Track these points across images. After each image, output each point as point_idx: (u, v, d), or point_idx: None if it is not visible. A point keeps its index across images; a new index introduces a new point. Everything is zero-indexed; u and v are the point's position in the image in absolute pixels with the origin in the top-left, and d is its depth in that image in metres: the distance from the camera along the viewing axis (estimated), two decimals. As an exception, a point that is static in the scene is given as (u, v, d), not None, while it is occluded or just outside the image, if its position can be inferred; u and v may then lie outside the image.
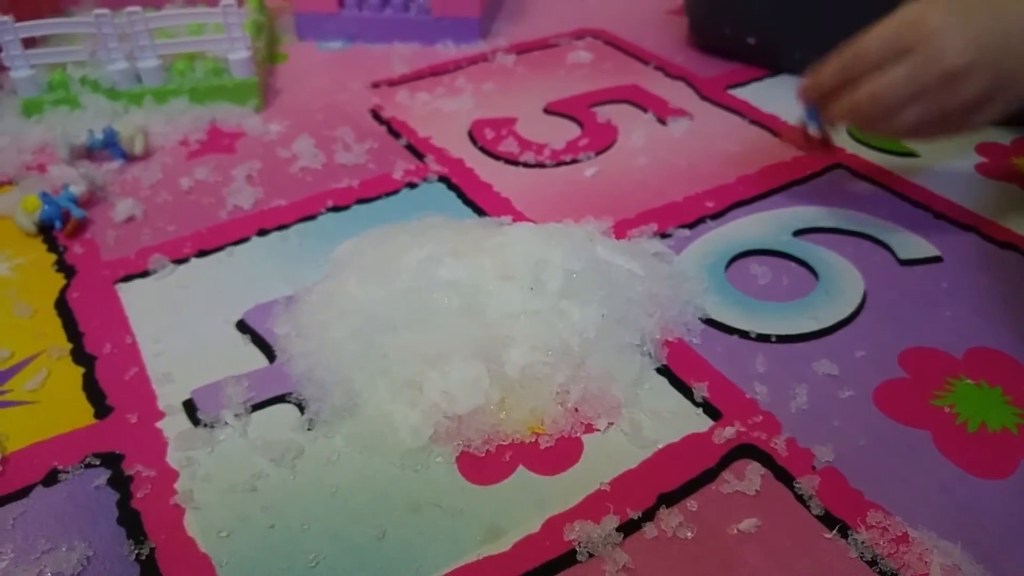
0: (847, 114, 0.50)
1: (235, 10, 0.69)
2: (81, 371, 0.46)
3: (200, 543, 0.37)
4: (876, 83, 0.47)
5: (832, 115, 0.52)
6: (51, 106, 0.69)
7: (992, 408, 0.43)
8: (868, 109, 0.48)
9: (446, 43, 0.83)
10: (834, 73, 0.50)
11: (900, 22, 0.47)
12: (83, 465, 0.41)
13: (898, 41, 0.46)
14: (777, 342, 0.47)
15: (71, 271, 0.54)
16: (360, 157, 0.65)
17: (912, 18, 0.46)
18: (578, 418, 0.42)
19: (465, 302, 0.45)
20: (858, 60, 0.48)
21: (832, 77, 0.50)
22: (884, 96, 0.47)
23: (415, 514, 0.38)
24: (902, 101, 0.47)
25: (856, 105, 0.49)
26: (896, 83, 0.46)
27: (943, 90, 0.46)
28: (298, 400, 0.44)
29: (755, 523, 0.37)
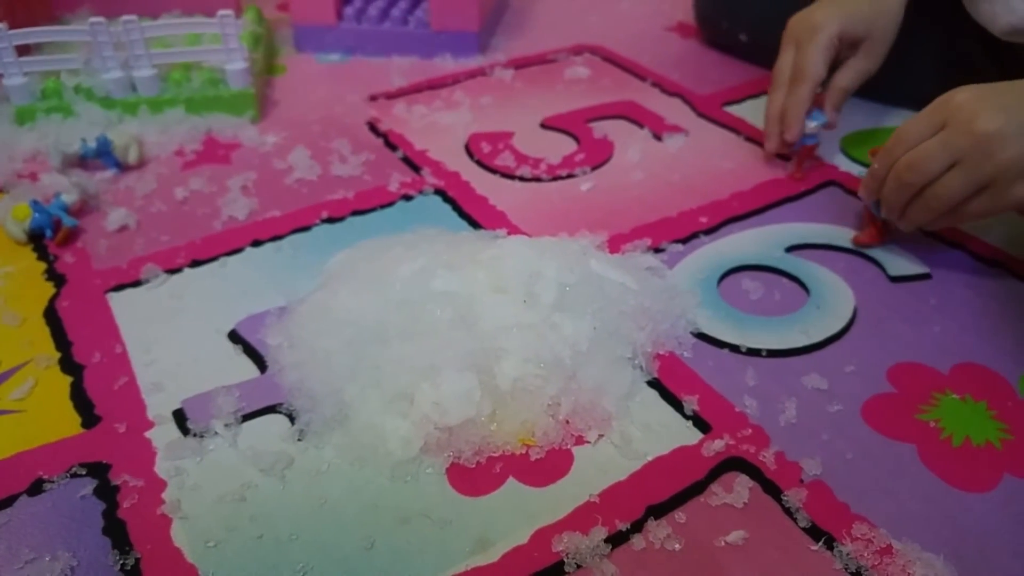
0: (894, 190, 0.50)
1: (232, 21, 0.69)
2: (69, 380, 0.46)
3: (187, 553, 0.37)
4: (913, 152, 0.48)
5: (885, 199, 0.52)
6: (44, 114, 0.69)
7: (977, 423, 0.43)
8: (907, 176, 0.49)
9: (444, 57, 0.84)
10: (881, 159, 0.51)
11: (932, 105, 0.49)
12: (69, 475, 0.41)
13: (931, 119, 0.48)
14: (767, 356, 0.47)
15: (61, 280, 0.54)
16: (356, 169, 0.65)
17: (943, 98, 0.48)
18: (569, 430, 0.42)
19: (458, 314, 0.45)
20: (899, 143, 0.50)
21: (881, 164, 0.51)
22: (920, 162, 0.48)
23: (404, 525, 0.38)
24: (939, 167, 0.47)
25: (896, 174, 0.50)
26: (930, 149, 0.47)
27: (978, 152, 0.45)
28: (289, 410, 0.44)
29: (743, 535, 0.37)
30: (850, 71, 0.62)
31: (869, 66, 0.62)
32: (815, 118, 0.62)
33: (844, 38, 0.60)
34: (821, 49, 0.60)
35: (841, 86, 0.62)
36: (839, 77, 0.62)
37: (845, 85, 0.62)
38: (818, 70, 0.60)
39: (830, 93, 0.63)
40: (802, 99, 0.61)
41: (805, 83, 0.60)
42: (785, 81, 0.62)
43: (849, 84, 0.62)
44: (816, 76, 0.60)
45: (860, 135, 0.70)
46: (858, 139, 0.69)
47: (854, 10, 0.60)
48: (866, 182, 0.53)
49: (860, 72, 0.62)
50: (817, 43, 0.60)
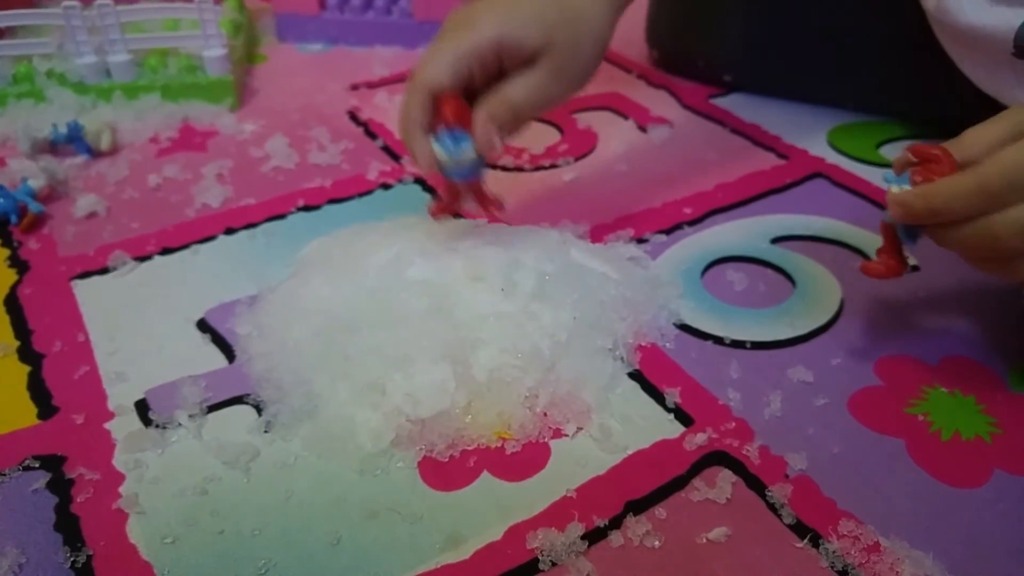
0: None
1: (211, 6, 0.68)
2: (27, 370, 0.44)
3: (142, 550, 0.35)
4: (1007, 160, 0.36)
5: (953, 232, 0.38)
6: (15, 99, 0.67)
7: (966, 417, 0.42)
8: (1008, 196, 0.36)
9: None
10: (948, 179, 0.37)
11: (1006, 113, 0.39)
12: (21, 467, 0.39)
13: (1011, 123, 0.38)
14: (752, 348, 0.46)
15: (24, 267, 0.52)
16: (334, 157, 0.64)
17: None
18: (546, 423, 0.41)
19: (434, 303, 0.43)
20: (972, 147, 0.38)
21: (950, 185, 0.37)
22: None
23: (372, 520, 0.37)
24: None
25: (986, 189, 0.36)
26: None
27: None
28: (256, 401, 0.42)
29: (725, 532, 0.36)
30: (524, 84, 0.43)
31: (552, 86, 0.44)
32: (452, 143, 0.42)
33: (507, 49, 0.42)
34: (458, 52, 0.42)
35: (507, 98, 0.43)
36: (506, 87, 0.43)
37: (513, 98, 0.43)
38: (435, 75, 0.42)
39: (487, 102, 0.43)
40: (410, 113, 0.43)
41: (416, 89, 0.42)
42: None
43: (519, 99, 0.43)
44: (428, 82, 0.42)
45: (848, 127, 0.69)
46: (845, 131, 0.68)
47: (527, 14, 0.43)
48: (908, 200, 0.38)
49: (538, 89, 0.43)
50: (457, 42, 0.42)
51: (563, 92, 0.45)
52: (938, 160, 0.38)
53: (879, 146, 0.66)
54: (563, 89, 0.45)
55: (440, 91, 0.42)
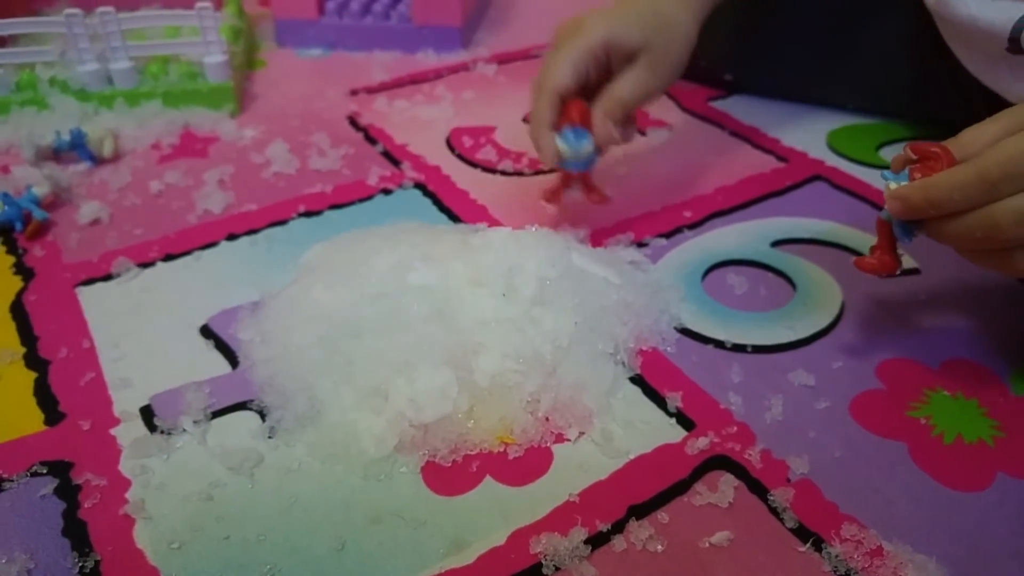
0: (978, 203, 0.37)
1: (211, 13, 0.68)
2: (33, 376, 0.44)
3: (149, 555, 0.35)
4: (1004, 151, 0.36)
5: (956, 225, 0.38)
6: (18, 106, 0.67)
7: (968, 420, 0.42)
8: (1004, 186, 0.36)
9: (427, 52, 0.83)
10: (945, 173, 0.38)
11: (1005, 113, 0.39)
12: (29, 473, 0.39)
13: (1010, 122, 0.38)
14: (753, 352, 0.46)
15: (30, 273, 0.52)
16: (335, 163, 0.64)
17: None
18: (548, 427, 0.41)
19: (435, 308, 0.43)
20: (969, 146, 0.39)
21: (948, 178, 0.37)
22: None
23: (376, 525, 0.37)
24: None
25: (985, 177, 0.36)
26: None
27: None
28: (259, 407, 0.42)
29: (727, 536, 0.36)
30: (628, 81, 0.50)
31: (652, 80, 0.51)
32: (574, 138, 0.49)
33: (613, 48, 0.50)
34: (574, 55, 0.49)
35: (616, 96, 0.50)
36: (615, 86, 0.50)
37: (621, 95, 0.50)
38: (560, 78, 0.49)
39: (602, 102, 0.50)
40: (540, 114, 0.49)
41: (542, 94, 0.49)
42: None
43: (627, 95, 0.50)
44: (556, 85, 0.49)
45: (847, 129, 0.69)
46: (845, 133, 0.68)
47: (629, 19, 0.50)
48: (906, 192, 0.38)
49: (640, 84, 0.50)
50: (572, 47, 0.49)
51: (660, 85, 0.52)
52: (937, 157, 0.38)
53: (879, 148, 0.66)
54: (660, 82, 0.52)
55: (566, 92, 0.49)
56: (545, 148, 0.50)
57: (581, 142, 0.49)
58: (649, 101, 0.52)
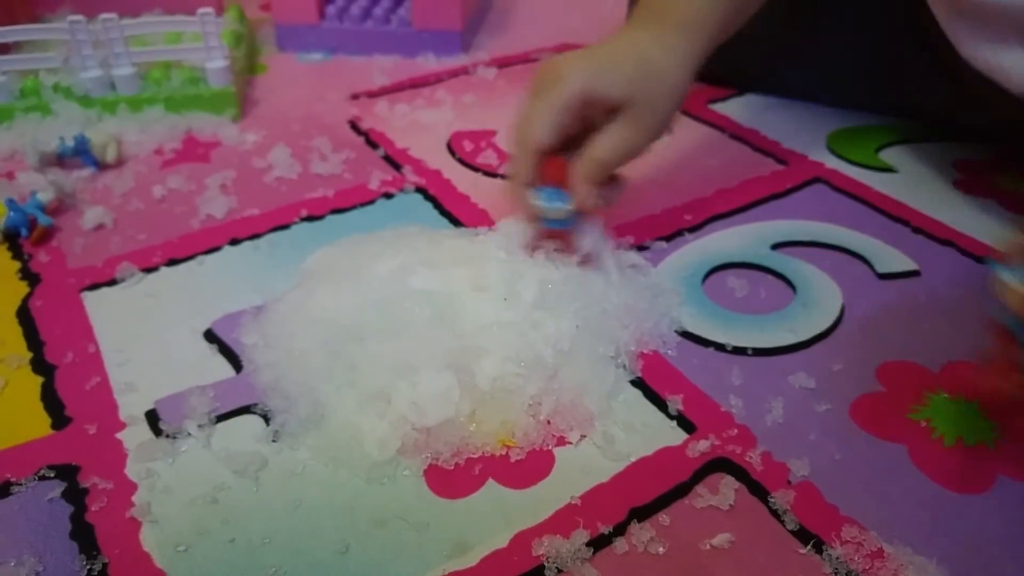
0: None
1: (212, 19, 0.68)
2: (40, 381, 0.45)
3: (156, 558, 0.36)
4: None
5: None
6: (22, 113, 0.68)
7: (969, 423, 0.42)
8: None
9: (427, 56, 0.83)
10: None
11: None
12: (37, 477, 0.39)
13: None
14: (753, 355, 0.47)
15: (35, 279, 0.53)
16: (336, 167, 0.65)
17: None
18: (550, 431, 0.41)
19: (437, 312, 0.44)
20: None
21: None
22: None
23: (380, 528, 0.37)
24: None
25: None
26: None
27: None
28: (264, 411, 0.43)
29: (729, 538, 0.36)
30: (608, 140, 0.46)
31: (634, 138, 0.46)
32: (553, 200, 0.46)
33: (593, 100, 0.45)
34: (552, 108, 0.45)
35: (595, 156, 0.46)
36: (593, 145, 0.46)
37: (600, 156, 0.46)
38: (538, 135, 0.45)
39: (580, 163, 0.46)
40: (518, 173, 0.47)
41: (523, 151, 0.46)
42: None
43: (606, 156, 0.46)
44: (536, 141, 0.45)
45: (847, 131, 0.69)
46: (845, 135, 0.68)
47: (611, 67, 0.45)
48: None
49: (621, 142, 0.46)
50: (550, 100, 0.45)
51: (644, 142, 0.47)
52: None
53: (879, 150, 0.66)
54: (644, 139, 0.47)
55: (545, 150, 0.46)
56: (521, 205, 0.47)
57: (559, 204, 0.46)
58: (632, 158, 0.47)
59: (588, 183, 0.46)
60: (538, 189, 0.47)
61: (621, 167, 0.47)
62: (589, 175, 0.46)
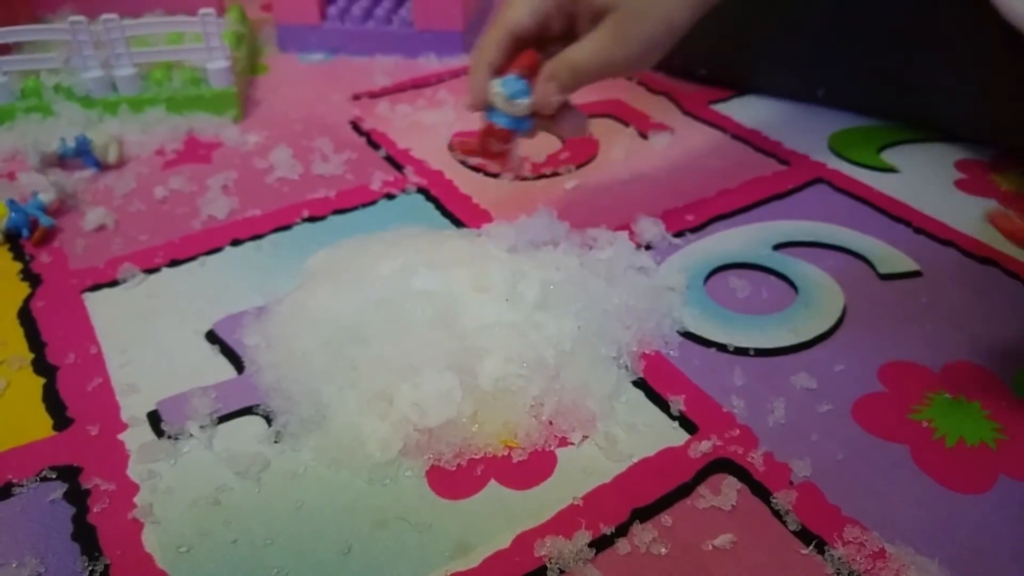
0: None
1: (214, 19, 0.68)
2: (42, 382, 0.45)
3: (158, 559, 0.36)
4: None
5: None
6: (23, 113, 0.68)
7: (970, 423, 0.42)
8: None
9: (429, 56, 0.83)
10: None
11: None
12: (38, 478, 0.39)
13: None
14: (755, 355, 0.47)
15: (37, 280, 0.53)
16: (338, 168, 0.65)
17: None
18: (552, 431, 0.41)
19: (439, 313, 0.44)
20: None
21: None
22: None
23: (382, 529, 0.37)
24: None
25: None
26: None
27: None
28: (265, 412, 0.43)
29: (731, 539, 0.36)
30: (586, 44, 0.43)
31: (614, 50, 0.43)
32: (510, 88, 0.43)
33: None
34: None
35: (568, 57, 0.43)
36: (570, 48, 0.44)
37: (574, 59, 0.43)
38: (516, 15, 0.43)
39: (551, 61, 0.43)
40: (485, 49, 0.43)
41: (494, 27, 0.43)
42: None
43: (580, 60, 0.43)
44: (510, 21, 0.43)
45: (849, 132, 0.69)
46: (847, 136, 0.68)
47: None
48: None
49: (600, 50, 0.43)
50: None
51: (624, 60, 0.44)
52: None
53: (880, 151, 0.66)
54: (624, 56, 0.44)
55: (522, 32, 0.43)
56: (476, 86, 0.43)
57: (520, 94, 0.42)
58: (608, 76, 0.44)
59: (553, 83, 0.43)
60: (504, 78, 0.43)
61: (593, 80, 0.44)
62: (557, 75, 0.43)
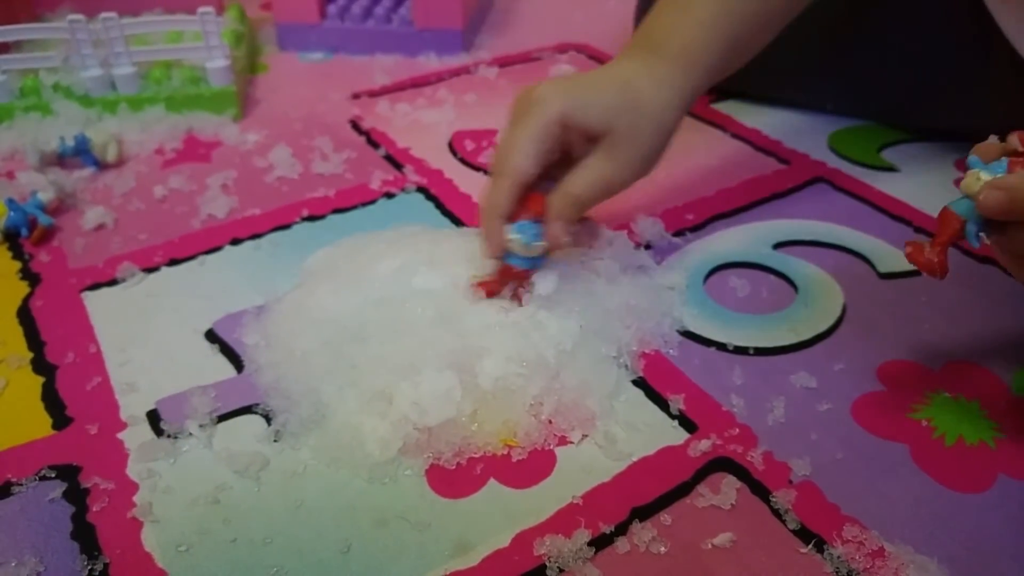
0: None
1: (213, 18, 0.68)
2: (41, 381, 0.45)
3: (157, 558, 0.36)
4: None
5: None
6: (22, 112, 0.68)
7: (969, 422, 0.42)
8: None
9: (428, 55, 0.83)
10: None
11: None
12: (38, 477, 0.39)
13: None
14: (755, 355, 0.47)
15: (36, 279, 0.53)
16: (337, 167, 0.64)
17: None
18: (552, 430, 0.42)
19: (439, 312, 0.44)
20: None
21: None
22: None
23: (382, 528, 0.37)
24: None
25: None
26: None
27: None
28: (265, 411, 0.43)
29: (730, 538, 0.36)
30: (585, 174, 0.44)
31: (612, 172, 0.44)
32: (527, 235, 0.43)
33: (571, 126, 0.43)
34: (531, 134, 0.43)
35: (570, 191, 0.44)
36: (568, 179, 0.44)
37: (574, 191, 0.44)
38: (521, 162, 0.43)
39: (554, 199, 0.44)
40: (496, 200, 0.43)
41: (504, 178, 0.43)
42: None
43: (580, 190, 0.44)
44: (518, 169, 0.43)
45: (849, 131, 0.69)
46: (847, 135, 0.68)
47: (592, 93, 0.43)
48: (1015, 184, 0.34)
49: (598, 176, 0.44)
50: (528, 125, 0.43)
51: (624, 178, 0.45)
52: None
53: (880, 150, 0.66)
54: (623, 175, 0.45)
55: (527, 178, 0.43)
56: (493, 237, 0.44)
57: (536, 238, 0.43)
58: (609, 195, 0.45)
59: (561, 220, 0.43)
60: (515, 224, 0.43)
61: (597, 204, 0.45)
62: (563, 212, 0.44)
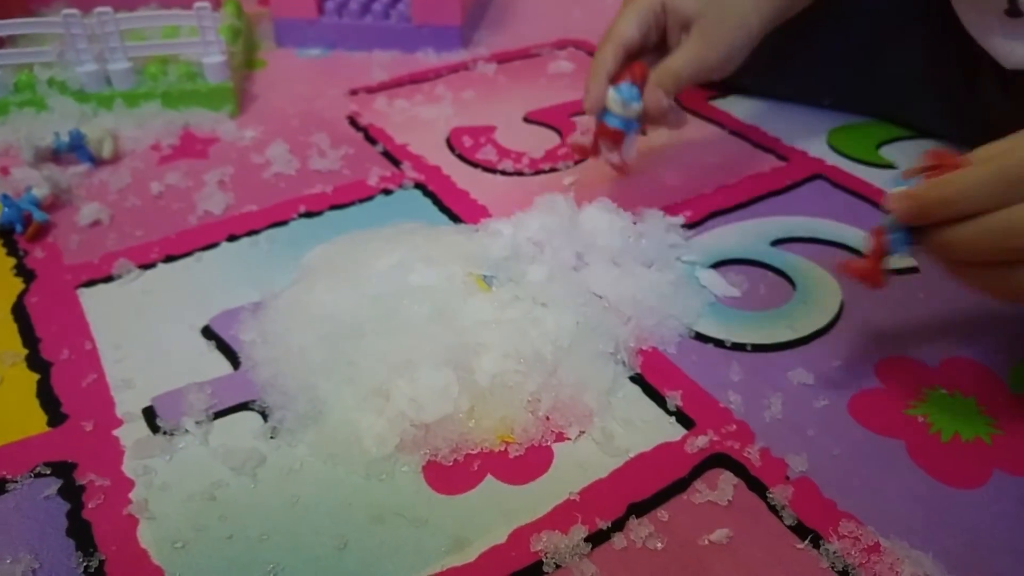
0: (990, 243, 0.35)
1: (209, 13, 0.68)
2: (36, 378, 0.45)
3: (153, 555, 0.36)
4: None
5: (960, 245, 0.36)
6: (17, 108, 0.67)
7: (966, 418, 0.42)
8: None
9: (426, 51, 0.83)
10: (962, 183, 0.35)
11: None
12: (33, 474, 0.39)
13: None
14: (752, 351, 0.47)
15: (31, 275, 0.52)
16: (335, 163, 0.64)
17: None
18: (549, 427, 0.41)
19: (436, 308, 0.44)
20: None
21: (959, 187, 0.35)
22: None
23: (378, 524, 0.37)
24: None
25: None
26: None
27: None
28: (261, 408, 0.43)
29: (727, 533, 0.36)
30: (682, 53, 0.52)
31: (706, 54, 0.52)
32: (626, 94, 0.51)
33: (670, 10, 0.52)
34: (636, 10, 0.52)
35: (670, 67, 0.52)
36: (669, 58, 0.52)
37: (674, 67, 0.52)
38: (625, 30, 0.52)
39: (656, 71, 0.52)
40: (601, 59, 0.52)
41: (608, 42, 0.52)
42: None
43: (679, 67, 0.52)
44: (621, 36, 0.52)
45: (848, 128, 0.69)
46: (845, 132, 0.68)
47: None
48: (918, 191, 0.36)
49: (694, 58, 0.52)
50: (636, 4, 0.53)
51: (715, 62, 0.53)
52: (953, 164, 0.36)
53: (879, 147, 0.66)
54: (715, 59, 0.52)
55: (631, 44, 0.52)
56: (595, 92, 0.51)
57: (634, 99, 0.51)
58: (703, 78, 0.53)
59: (661, 89, 0.51)
60: (618, 86, 0.51)
61: (690, 84, 0.52)
62: (663, 82, 0.51)
